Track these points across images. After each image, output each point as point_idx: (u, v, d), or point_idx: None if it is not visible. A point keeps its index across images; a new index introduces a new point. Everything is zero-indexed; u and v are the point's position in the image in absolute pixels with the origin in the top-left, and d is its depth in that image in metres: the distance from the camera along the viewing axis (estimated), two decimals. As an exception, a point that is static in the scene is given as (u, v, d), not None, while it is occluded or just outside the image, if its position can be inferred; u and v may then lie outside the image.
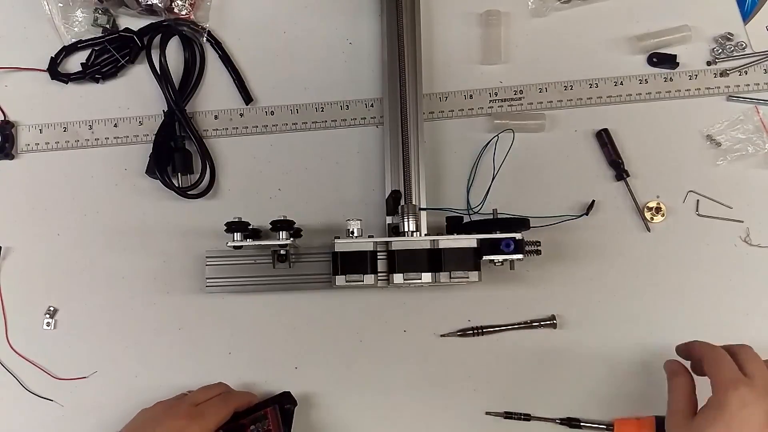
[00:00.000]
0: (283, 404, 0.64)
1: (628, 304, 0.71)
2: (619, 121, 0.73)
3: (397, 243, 0.65)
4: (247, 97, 0.74)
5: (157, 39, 0.74)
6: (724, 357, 0.57)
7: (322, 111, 0.74)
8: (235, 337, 0.71)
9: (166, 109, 0.73)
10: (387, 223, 0.69)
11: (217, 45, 0.75)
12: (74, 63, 0.75)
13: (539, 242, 0.66)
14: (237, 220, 0.66)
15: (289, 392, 0.66)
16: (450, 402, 0.69)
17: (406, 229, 0.66)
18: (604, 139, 0.73)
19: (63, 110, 0.74)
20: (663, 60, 0.74)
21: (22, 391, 0.69)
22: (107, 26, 0.74)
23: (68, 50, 0.75)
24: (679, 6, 0.75)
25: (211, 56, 0.75)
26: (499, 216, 0.67)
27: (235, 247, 0.66)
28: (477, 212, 0.70)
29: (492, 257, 0.65)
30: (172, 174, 0.72)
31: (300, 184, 0.73)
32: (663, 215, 0.72)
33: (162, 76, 0.73)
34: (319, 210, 0.72)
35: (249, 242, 0.66)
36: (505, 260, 0.65)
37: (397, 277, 0.64)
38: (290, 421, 0.64)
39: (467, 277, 0.64)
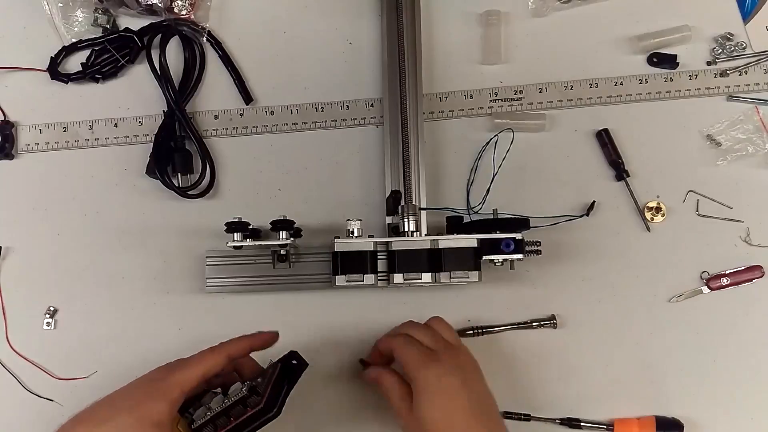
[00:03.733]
0: (288, 361, 0.60)
1: (628, 304, 0.71)
2: (619, 121, 0.73)
3: (397, 243, 0.65)
4: (247, 97, 0.74)
5: (157, 39, 0.74)
6: (408, 343, 0.60)
7: (322, 111, 0.74)
8: (235, 337, 0.71)
9: (166, 109, 0.73)
10: (387, 223, 0.69)
11: (217, 45, 0.75)
12: (74, 63, 0.75)
13: (539, 242, 0.66)
14: (237, 220, 0.66)
15: (296, 351, 0.61)
16: (450, 402, 0.69)
17: (406, 229, 0.66)
18: (604, 139, 0.73)
19: (63, 110, 0.74)
20: (663, 60, 0.74)
21: (22, 391, 0.69)
22: (107, 26, 0.74)
23: (68, 50, 0.75)
24: (679, 6, 0.75)
25: (211, 56, 0.75)
26: (499, 216, 0.67)
27: (235, 247, 0.66)
28: (477, 212, 0.70)
29: (492, 257, 0.65)
30: (172, 174, 0.72)
31: (300, 184, 0.73)
32: (663, 215, 0.72)
33: (162, 76, 0.73)
34: (319, 210, 0.72)
35: (249, 242, 0.66)
36: (505, 260, 0.65)
37: (397, 277, 0.64)
38: (294, 379, 0.60)
39: (467, 277, 0.64)
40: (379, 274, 0.65)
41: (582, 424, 0.68)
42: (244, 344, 0.60)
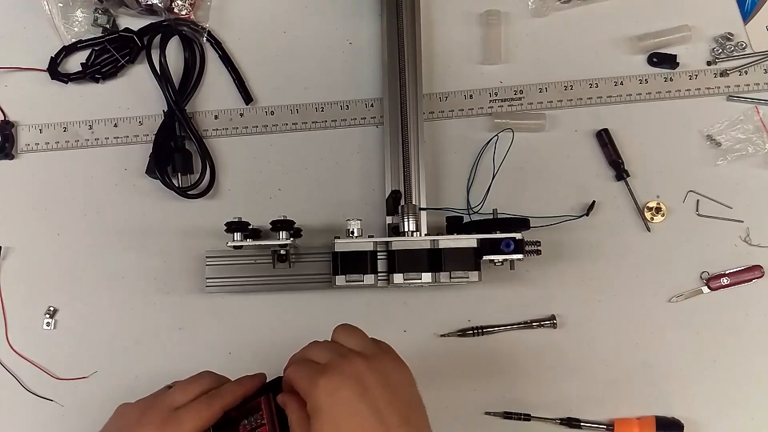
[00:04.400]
0: (278, 391, 0.58)
1: (628, 304, 0.71)
2: (619, 121, 0.73)
3: (397, 243, 0.65)
4: (247, 97, 0.74)
5: (157, 39, 0.74)
6: (299, 366, 0.53)
7: (322, 111, 0.74)
8: (235, 337, 0.71)
9: (166, 109, 0.73)
10: (387, 223, 0.69)
11: (217, 45, 0.75)
12: (74, 63, 0.75)
13: (539, 242, 0.66)
14: (237, 220, 0.66)
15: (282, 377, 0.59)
16: (449, 402, 0.69)
17: (406, 229, 0.66)
18: (604, 139, 0.73)
19: (63, 110, 0.74)
20: (663, 60, 0.74)
21: (22, 391, 0.70)
22: (107, 26, 0.74)
23: (68, 50, 0.75)
24: (679, 6, 0.75)
25: (211, 56, 0.75)
26: (499, 216, 0.67)
27: (235, 247, 0.66)
28: (477, 212, 0.70)
29: (492, 257, 0.65)
30: (172, 174, 0.72)
31: (300, 184, 0.73)
32: (663, 215, 0.72)
33: (162, 76, 0.73)
34: (319, 210, 0.72)
35: (249, 242, 0.66)
36: (505, 260, 0.65)
37: (397, 277, 0.64)
38: None
39: (467, 277, 0.64)
40: (379, 274, 0.65)
41: (582, 424, 0.68)
42: (238, 394, 0.58)
